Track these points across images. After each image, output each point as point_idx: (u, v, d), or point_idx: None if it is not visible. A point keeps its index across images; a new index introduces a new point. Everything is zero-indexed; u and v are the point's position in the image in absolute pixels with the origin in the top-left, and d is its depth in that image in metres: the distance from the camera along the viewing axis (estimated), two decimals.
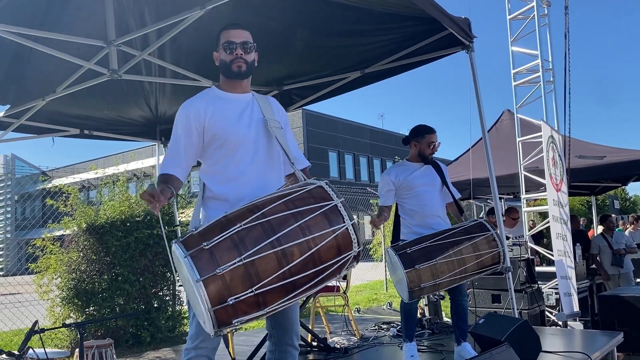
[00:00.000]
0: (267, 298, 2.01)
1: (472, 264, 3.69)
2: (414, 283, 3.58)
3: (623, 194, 33.51)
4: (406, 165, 4.21)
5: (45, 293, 6.99)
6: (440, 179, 4.15)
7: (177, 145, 2.47)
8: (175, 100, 5.92)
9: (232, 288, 1.96)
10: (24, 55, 4.46)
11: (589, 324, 6.53)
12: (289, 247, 2.01)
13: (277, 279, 2.00)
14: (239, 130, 2.45)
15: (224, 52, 2.52)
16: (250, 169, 2.45)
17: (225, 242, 2.00)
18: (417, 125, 4.23)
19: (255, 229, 2.03)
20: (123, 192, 7.68)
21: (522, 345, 3.64)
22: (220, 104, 2.50)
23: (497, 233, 3.84)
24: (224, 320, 1.97)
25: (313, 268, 2.06)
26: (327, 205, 2.12)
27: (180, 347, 6.01)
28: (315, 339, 4.94)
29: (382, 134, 37.10)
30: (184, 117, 2.46)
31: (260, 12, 4.19)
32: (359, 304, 10.32)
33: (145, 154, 30.37)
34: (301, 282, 2.05)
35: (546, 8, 7.27)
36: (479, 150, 8.15)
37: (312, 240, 2.05)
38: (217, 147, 2.45)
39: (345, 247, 2.11)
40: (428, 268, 3.59)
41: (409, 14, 4.16)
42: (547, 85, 7.12)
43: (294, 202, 2.11)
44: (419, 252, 3.65)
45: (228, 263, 1.96)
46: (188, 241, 2.05)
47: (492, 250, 3.76)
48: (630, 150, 7.53)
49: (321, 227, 2.07)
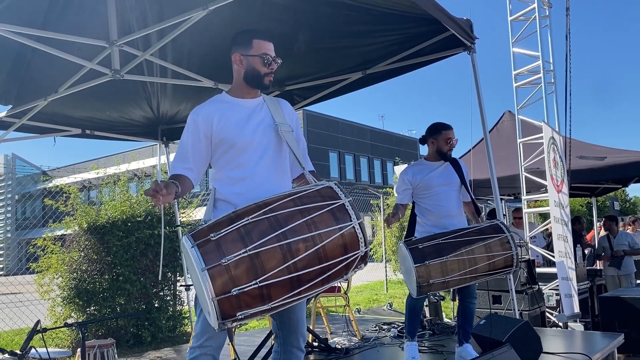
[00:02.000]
0: (271, 291, 2.03)
1: (484, 264, 3.67)
2: (423, 278, 3.57)
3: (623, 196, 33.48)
4: (424, 164, 4.21)
5: (46, 293, 7.01)
6: (459, 177, 4.13)
7: (185, 149, 2.49)
8: (177, 100, 5.93)
9: (237, 279, 1.99)
10: (26, 56, 4.47)
11: (590, 325, 6.53)
12: (294, 241, 2.04)
13: (282, 273, 2.03)
14: (245, 134, 2.47)
15: (260, 63, 2.51)
16: (257, 171, 2.47)
17: (232, 234, 2.04)
18: (434, 122, 4.24)
19: (262, 223, 2.06)
20: (124, 192, 7.69)
21: (523, 346, 3.65)
22: (229, 108, 2.52)
23: (512, 236, 3.81)
24: (228, 312, 1.99)
25: (318, 264, 2.07)
26: (335, 203, 2.14)
27: (181, 347, 6.02)
28: (317, 340, 4.94)
29: (382, 135, 37.12)
30: (192, 122, 2.49)
31: (262, 12, 4.19)
32: (360, 304, 10.32)
33: (146, 154, 30.40)
34: (306, 278, 2.07)
35: (547, 9, 7.27)
36: (480, 151, 8.16)
37: (318, 236, 2.07)
38: (224, 151, 2.48)
39: (351, 246, 2.13)
40: (438, 265, 3.58)
41: (411, 15, 4.16)
42: (548, 87, 7.12)
43: (302, 199, 2.14)
44: (430, 248, 3.65)
45: (233, 254, 2.00)
46: (197, 233, 2.09)
47: (505, 253, 3.71)
48: (631, 152, 7.53)
49: (327, 224, 2.09)
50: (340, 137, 33.29)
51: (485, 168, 6.36)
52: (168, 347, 6.48)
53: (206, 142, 2.48)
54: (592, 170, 7.16)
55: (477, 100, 4.78)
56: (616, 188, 11.04)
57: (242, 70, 2.55)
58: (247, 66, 2.53)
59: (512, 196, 9.46)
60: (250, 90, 2.58)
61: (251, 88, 2.57)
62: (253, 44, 2.53)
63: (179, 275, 7.64)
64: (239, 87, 2.59)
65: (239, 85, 2.59)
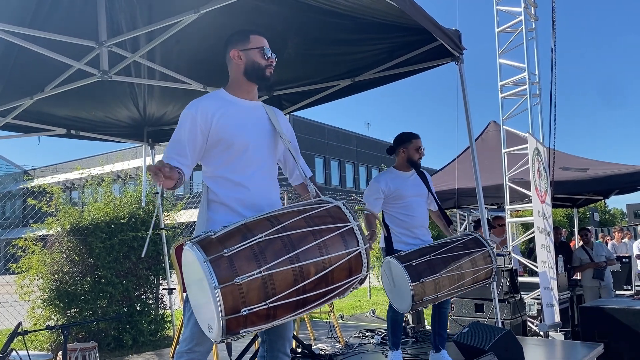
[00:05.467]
0: (277, 312, 2.02)
1: (469, 278, 3.74)
2: (418, 296, 3.56)
3: (603, 207, 33.97)
4: (395, 174, 4.21)
5: (26, 294, 6.90)
6: (426, 187, 4.19)
7: (182, 144, 2.39)
8: (164, 102, 5.90)
9: (248, 299, 1.96)
10: (12, 54, 4.42)
11: (569, 334, 6.61)
12: (306, 264, 2.03)
13: (291, 295, 2.01)
14: (246, 136, 2.43)
15: (260, 55, 2.52)
16: (255, 176, 2.44)
17: (245, 252, 2.00)
18: (402, 132, 4.26)
19: (276, 242, 2.03)
20: (108, 194, 7.61)
21: (505, 354, 3.68)
22: (230, 107, 2.46)
23: (493, 249, 3.87)
24: (232, 329, 1.97)
25: (325, 287, 2.08)
26: (345, 226, 2.14)
27: (162, 351, 5.97)
28: (300, 346, 4.93)
29: (368, 142, 37.25)
30: (190, 117, 2.39)
31: (252, 18, 4.20)
32: (343, 310, 10.32)
33: (130, 155, 30.10)
34: (311, 299, 2.07)
35: (534, 22, 7.38)
36: (464, 161, 8.23)
37: (329, 260, 2.07)
38: (222, 150, 2.41)
39: (355, 270, 2.14)
40: (432, 282, 3.59)
41: (400, 24, 4.20)
42: (533, 98, 7.21)
43: (313, 219, 2.13)
44: (423, 264, 3.64)
45: (247, 273, 1.96)
46: (206, 245, 2.02)
47: (487, 266, 3.81)
48: (613, 164, 7.66)
49: (337, 247, 2.09)
50: (327, 142, 33.33)
51: (469, 177, 6.41)
52: (150, 351, 6.42)
53: (202, 139, 2.40)
54: (574, 181, 7.26)
55: (463, 109, 4.83)
56: (597, 199, 11.18)
57: (242, 65, 2.51)
58: (247, 60, 2.51)
59: (495, 205, 9.54)
60: (250, 89, 2.55)
61: (251, 84, 2.54)
62: (250, 39, 2.54)
63: (162, 279, 7.58)
64: (238, 85, 2.54)
65: (238, 82, 2.54)
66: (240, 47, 2.53)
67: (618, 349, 5.32)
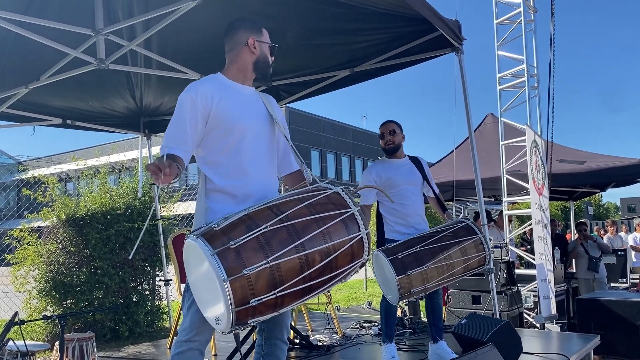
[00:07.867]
0: (284, 300, 2.04)
1: (460, 267, 3.70)
2: (405, 289, 3.54)
3: (597, 200, 34.15)
4: (388, 163, 4.17)
5: (21, 285, 6.86)
6: (421, 175, 4.15)
7: (183, 129, 2.29)
8: (160, 92, 5.85)
9: (257, 290, 1.96)
10: (7, 41, 4.36)
11: (565, 326, 6.64)
12: (311, 252, 2.04)
13: (298, 283, 2.03)
14: (245, 121, 2.38)
15: (269, 52, 2.54)
16: (255, 164, 2.39)
17: (252, 243, 2.00)
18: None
19: (281, 232, 2.04)
20: (104, 185, 7.56)
21: (503, 346, 3.68)
22: (229, 91, 2.41)
23: (484, 236, 3.85)
24: (241, 319, 1.98)
25: (329, 273, 2.10)
26: (346, 212, 2.15)
27: (159, 342, 5.95)
28: (298, 336, 4.93)
29: (364, 135, 37.21)
30: (190, 101, 2.31)
31: (250, 7, 4.16)
32: (339, 302, 10.34)
33: (126, 146, 29.99)
34: (316, 286, 2.09)
35: (532, 14, 7.36)
36: (462, 153, 8.22)
37: (332, 246, 2.09)
38: (221, 135, 2.35)
39: (357, 255, 2.17)
40: (419, 274, 3.56)
41: (400, 14, 4.17)
42: (531, 90, 7.20)
43: (315, 207, 2.13)
44: (409, 257, 3.60)
45: (255, 265, 1.96)
46: (210, 237, 2.00)
47: (479, 254, 3.77)
48: (610, 157, 7.67)
49: (340, 234, 2.11)
50: (323, 135, 33.28)
51: (467, 169, 6.40)
52: (146, 342, 6.39)
53: (202, 123, 2.33)
54: (571, 174, 7.28)
55: (463, 101, 4.80)
56: (594, 192, 11.22)
57: (255, 57, 2.48)
58: (260, 53, 2.49)
59: (492, 198, 9.55)
60: (250, 77, 2.51)
61: (253, 75, 2.51)
62: (263, 32, 2.52)
63: (158, 270, 7.55)
64: (241, 72, 2.49)
65: (243, 69, 2.49)
66: (256, 36, 2.49)
67: (614, 341, 5.35)
